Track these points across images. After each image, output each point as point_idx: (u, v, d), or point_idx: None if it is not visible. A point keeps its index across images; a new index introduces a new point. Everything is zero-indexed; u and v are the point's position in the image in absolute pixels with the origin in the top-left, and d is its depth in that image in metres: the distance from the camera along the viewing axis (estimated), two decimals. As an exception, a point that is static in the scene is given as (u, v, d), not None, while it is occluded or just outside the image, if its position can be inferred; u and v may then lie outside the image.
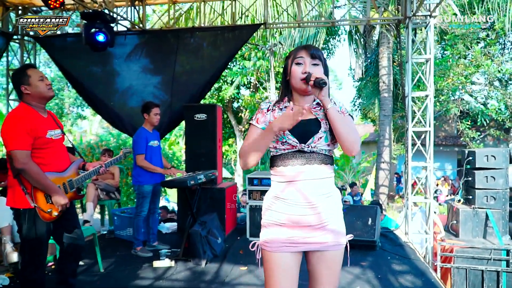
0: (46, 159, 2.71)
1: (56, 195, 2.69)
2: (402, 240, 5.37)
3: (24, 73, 2.72)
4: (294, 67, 1.82)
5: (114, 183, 6.05)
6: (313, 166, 1.76)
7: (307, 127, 1.78)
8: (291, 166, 1.77)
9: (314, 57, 1.82)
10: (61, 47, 7.04)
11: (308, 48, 1.83)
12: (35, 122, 2.66)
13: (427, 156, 5.98)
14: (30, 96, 2.72)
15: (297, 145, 1.77)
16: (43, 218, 2.70)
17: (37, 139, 2.65)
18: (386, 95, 9.65)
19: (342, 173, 17.51)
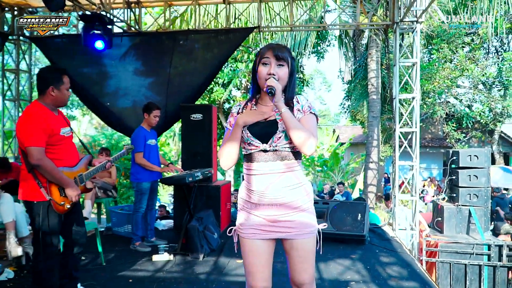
0: (59, 154, 2.89)
1: (70, 188, 2.87)
2: (389, 235, 5.62)
3: (60, 77, 2.87)
4: (261, 67, 1.92)
5: (111, 181, 6.20)
6: (276, 163, 1.92)
7: (266, 129, 1.93)
8: (256, 162, 1.93)
9: (279, 58, 1.90)
10: (56, 47, 7.14)
11: (273, 49, 1.91)
12: (50, 121, 2.82)
13: (413, 155, 6.24)
14: (52, 98, 2.87)
15: (260, 145, 1.93)
16: (57, 210, 2.88)
17: (51, 136, 2.80)
18: (375, 97, 9.92)
19: (331, 174, 17.80)
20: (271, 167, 1.91)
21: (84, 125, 26.26)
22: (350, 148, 21.84)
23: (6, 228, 4.10)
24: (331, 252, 4.66)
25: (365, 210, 5.04)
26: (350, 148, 22.02)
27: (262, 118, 1.94)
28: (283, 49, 1.94)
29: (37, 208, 2.85)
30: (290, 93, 1.99)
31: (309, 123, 1.95)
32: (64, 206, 2.90)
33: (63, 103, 2.96)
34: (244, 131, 1.94)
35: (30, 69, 7.81)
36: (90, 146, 10.22)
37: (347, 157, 22.52)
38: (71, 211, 3.04)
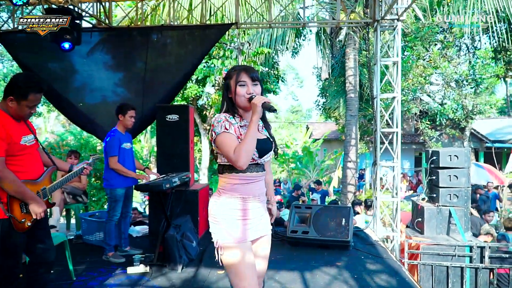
0: (22, 166, 2.60)
1: (34, 202, 2.58)
2: (372, 239, 5.51)
3: (26, 93, 2.55)
4: (239, 88, 2.11)
5: (81, 186, 5.83)
6: (263, 172, 2.21)
7: (265, 146, 2.16)
8: (250, 172, 2.12)
9: (254, 79, 2.13)
10: (20, 43, 6.67)
11: (248, 72, 2.13)
12: (9, 127, 2.52)
13: (395, 156, 6.17)
14: (9, 108, 2.58)
15: (257, 160, 2.13)
16: (16, 228, 2.57)
17: (11, 144, 2.51)
18: (353, 96, 9.84)
19: (306, 171, 17.76)
20: (260, 175, 2.18)
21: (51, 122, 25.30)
22: (324, 144, 21.91)
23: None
24: (315, 259, 4.50)
25: (349, 215, 4.91)
26: (323, 144, 22.10)
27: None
28: (255, 70, 2.19)
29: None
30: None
31: None
32: (24, 224, 2.60)
33: (20, 117, 2.65)
34: None
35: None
36: (57, 146, 9.71)
37: (321, 153, 22.60)
38: (36, 227, 2.73)
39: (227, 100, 2.17)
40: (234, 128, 2.07)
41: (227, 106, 2.18)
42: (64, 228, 6.09)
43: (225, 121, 2.07)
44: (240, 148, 1.99)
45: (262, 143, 2.12)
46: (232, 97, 2.14)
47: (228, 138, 2.03)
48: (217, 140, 2.06)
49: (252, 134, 2.01)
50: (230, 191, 2.11)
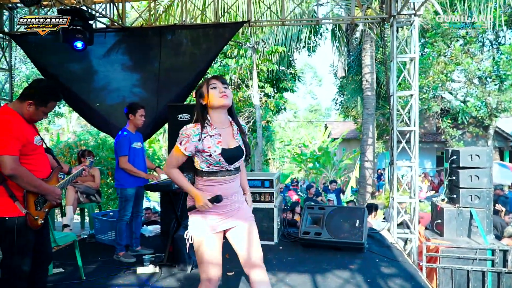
0: (35, 165, 2.67)
1: (49, 191, 2.68)
2: (388, 241, 5.35)
3: (46, 100, 2.68)
4: (211, 91, 2.33)
5: (94, 185, 5.86)
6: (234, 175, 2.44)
7: (235, 153, 2.37)
8: (221, 176, 2.37)
9: (224, 82, 2.37)
10: (37, 44, 6.75)
11: (218, 77, 2.40)
12: (23, 127, 2.60)
13: (412, 155, 5.98)
14: (24, 111, 2.65)
15: (227, 167, 2.36)
16: (31, 225, 2.63)
17: (26, 145, 2.58)
18: (369, 94, 9.63)
19: (324, 170, 17.53)
20: (231, 178, 2.40)
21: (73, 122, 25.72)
22: (342, 143, 21.61)
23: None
24: (327, 262, 4.38)
25: (363, 216, 4.77)
26: (342, 143, 21.81)
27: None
28: (224, 78, 2.46)
29: (10, 224, 2.56)
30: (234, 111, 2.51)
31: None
32: (38, 221, 2.66)
33: (31, 121, 2.73)
34: (215, 156, 2.29)
35: (10, 67, 7.40)
36: (75, 146, 9.84)
37: (340, 153, 22.32)
38: (43, 225, 2.79)
39: (200, 108, 2.36)
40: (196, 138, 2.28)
41: (198, 115, 2.37)
42: (78, 227, 6.12)
43: (185, 137, 2.30)
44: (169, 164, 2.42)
45: (232, 152, 2.35)
46: (207, 102, 2.34)
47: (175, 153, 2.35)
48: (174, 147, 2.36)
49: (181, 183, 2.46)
50: (202, 191, 2.38)
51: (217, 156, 2.27)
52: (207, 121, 2.35)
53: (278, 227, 5.22)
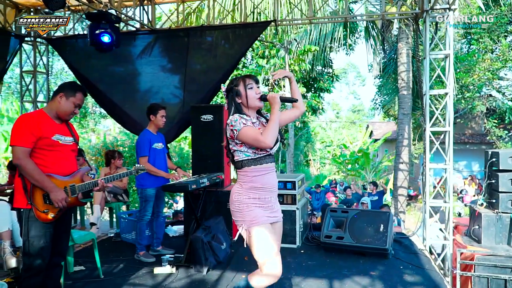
0: (47, 161, 2.76)
1: (53, 192, 2.71)
2: (417, 247, 5.08)
3: (74, 91, 2.87)
4: (249, 91, 2.48)
5: (121, 185, 5.98)
6: (273, 163, 2.55)
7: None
8: (266, 164, 2.47)
9: (257, 82, 2.53)
10: (74, 48, 7.01)
11: (252, 77, 2.53)
12: (42, 123, 2.73)
13: (447, 158, 5.66)
14: (57, 105, 2.84)
15: (270, 150, 2.46)
16: (38, 218, 2.71)
17: (41, 139, 2.70)
18: (405, 93, 9.24)
19: (363, 172, 17.09)
20: (272, 166, 2.52)
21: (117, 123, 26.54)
22: (384, 145, 20.96)
23: (1, 237, 3.94)
24: (348, 267, 4.21)
25: (388, 221, 4.55)
26: (384, 145, 21.17)
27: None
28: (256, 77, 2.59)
29: (23, 215, 2.74)
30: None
31: None
32: (47, 215, 2.73)
33: (64, 114, 2.88)
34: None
35: (47, 70, 7.73)
36: (112, 147, 10.14)
37: (381, 154, 21.69)
38: (62, 221, 2.89)
39: (236, 105, 2.49)
40: (249, 122, 2.42)
41: (235, 110, 2.49)
42: (105, 225, 6.27)
43: (241, 119, 2.40)
44: (267, 131, 2.37)
45: None
46: (242, 101, 2.49)
47: (250, 129, 2.38)
48: (240, 135, 2.38)
49: (275, 119, 2.38)
50: (249, 182, 2.43)
51: None
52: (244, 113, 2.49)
53: (301, 230, 5.10)
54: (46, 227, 2.75)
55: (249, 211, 2.42)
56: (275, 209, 2.54)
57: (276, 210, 2.54)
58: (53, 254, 2.90)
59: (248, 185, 2.45)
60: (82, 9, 6.77)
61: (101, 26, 5.34)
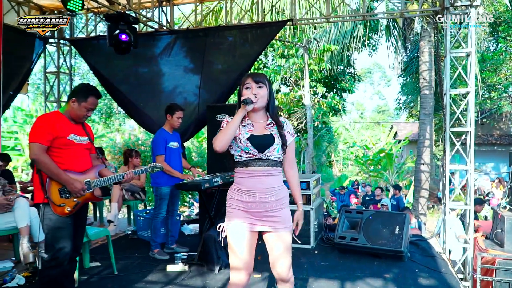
0: (63, 158, 2.89)
1: (69, 183, 2.84)
2: (435, 250, 4.95)
3: (86, 95, 2.96)
4: (244, 91, 2.36)
5: (139, 183, 6.06)
6: (267, 168, 2.34)
7: (264, 141, 2.33)
8: (251, 167, 2.33)
9: (258, 82, 2.36)
10: (96, 49, 7.13)
11: (252, 76, 2.40)
12: (59, 124, 2.87)
13: (468, 159, 5.51)
14: (70, 109, 2.96)
15: (256, 154, 2.32)
16: (55, 212, 2.83)
17: (58, 138, 2.84)
18: (427, 92, 9.04)
19: (385, 173, 16.81)
20: (264, 170, 2.33)
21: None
22: (407, 146, 20.56)
23: (20, 233, 4.05)
24: (361, 269, 4.15)
25: (404, 222, 4.45)
26: (409, 145, 20.75)
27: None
28: (260, 75, 2.45)
29: (41, 209, 2.86)
30: (272, 108, 2.45)
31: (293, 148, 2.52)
32: (64, 209, 2.85)
33: (77, 118, 2.99)
34: (243, 141, 2.31)
35: (70, 71, 7.93)
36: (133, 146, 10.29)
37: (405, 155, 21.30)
38: (79, 216, 3.00)
39: (238, 103, 2.42)
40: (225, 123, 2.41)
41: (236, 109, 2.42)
42: (123, 223, 6.36)
43: (224, 121, 2.43)
44: (217, 135, 2.31)
45: (260, 139, 2.33)
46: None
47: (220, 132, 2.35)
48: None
49: (229, 124, 2.31)
50: (236, 184, 2.39)
51: (244, 141, 2.30)
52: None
53: (315, 231, 5.06)
54: (64, 220, 2.87)
55: (229, 211, 2.38)
56: (268, 217, 2.33)
57: (268, 219, 2.33)
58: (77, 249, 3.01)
59: (234, 186, 2.40)
60: (103, 11, 6.92)
61: (119, 27, 5.44)
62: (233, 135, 2.30)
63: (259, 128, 2.37)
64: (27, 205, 4.16)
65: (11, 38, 6.17)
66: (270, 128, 2.38)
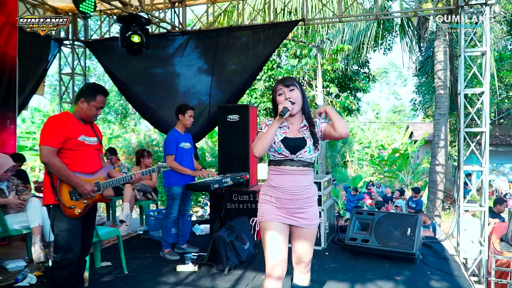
0: (74, 160, 2.90)
1: (80, 185, 2.86)
2: (448, 252, 4.87)
3: (95, 94, 2.98)
4: (278, 97, 2.47)
5: (151, 183, 6.11)
6: (299, 168, 2.44)
7: (296, 143, 2.43)
8: (284, 166, 2.44)
9: (288, 85, 2.46)
10: (110, 50, 7.20)
11: (283, 81, 2.50)
12: (70, 125, 2.89)
13: (483, 160, 5.40)
14: (79, 110, 2.97)
15: (288, 156, 2.43)
16: (66, 214, 2.85)
17: (69, 140, 2.85)
18: (442, 92, 8.89)
19: (400, 174, 16.59)
20: (296, 169, 2.43)
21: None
22: (423, 146, 20.26)
23: (33, 232, 4.12)
24: (372, 271, 4.10)
25: (416, 224, 4.39)
26: (425, 146, 20.45)
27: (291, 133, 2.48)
28: (289, 79, 2.54)
29: (52, 211, 2.88)
30: (307, 108, 2.56)
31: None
32: (74, 210, 2.88)
33: (88, 118, 3.01)
34: (277, 143, 2.42)
35: (85, 72, 8.04)
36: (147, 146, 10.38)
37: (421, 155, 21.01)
38: (88, 217, 3.02)
39: (274, 108, 2.54)
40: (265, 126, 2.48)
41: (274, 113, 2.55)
42: (135, 223, 6.42)
43: (262, 124, 2.52)
44: (255, 142, 2.42)
45: (293, 141, 2.44)
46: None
47: (258, 136, 2.45)
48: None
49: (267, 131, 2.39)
50: (269, 180, 2.52)
51: (278, 143, 2.40)
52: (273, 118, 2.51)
53: (326, 232, 5.02)
54: (74, 222, 2.89)
55: (261, 206, 2.51)
56: (297, 214, 2.45)
57: (297, 215, 2.45)
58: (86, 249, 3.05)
59: (267, 183, 2.52)
60: (117, 13, 6.99)
61: (131, 29, 5.48)
62: (271, 142, 2.40)
63: (293, 130, 2.47)
64: (39, 205, 4.22)
65: (26, 40, 6.28)
66: (304, 131, 2.48)
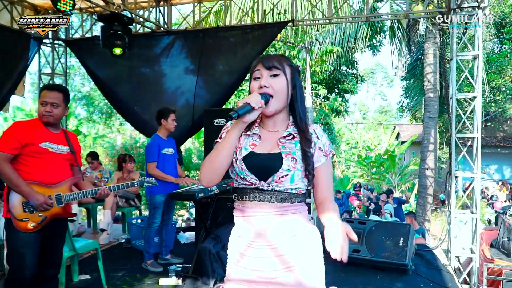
0: (31, 168, 2.66)
1: (31, 195, 2.60)
2: (440, 262, 4.75)
3: (40, 91, 2.82)
4: (252, 83, 1.53)
5: (133, 189, 5.87)
6: (274, 204, 1.48)
7: (267, 163, 1.48)
8: (249, 201, 1.49)
9: (270, 67, 1.50)
10: (92, 50, 6.93)
11: (263, 60, 1.52)
12: (32, 131, 2.66)
13: (474, 166, 5.30)
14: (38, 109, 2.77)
15: (256, 183, 1.48)
16: (17, 226, 2.60)
17: (28, 145, 2.62)
18: (432, 95, 8.84)
19: (388, 176, 16.59)
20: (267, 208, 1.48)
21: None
22: (412, 147, 20.33)
23: (5, 242, 3.87)
24: (364, 283, 3.95)
25: (408, 234, 4.26)
26: (412, 147, 20.52)
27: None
28: (277, 57, 1.54)
29: (5, 223, 2.65)
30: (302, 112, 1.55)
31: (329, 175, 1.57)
32: (27, 224, 2.61)
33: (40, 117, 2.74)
34: (238, 161, 1.49)
35: (65, 72, 7.74)
36: (131, 148, 10.12)
37: (408, 157, 21.08)
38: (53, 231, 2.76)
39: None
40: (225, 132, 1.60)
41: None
42: (116, 230, 6.16)
43: (224, 129, 1.62)
44: (204, 160, 1.54)
45: (261, 159, 1.48)
46: None
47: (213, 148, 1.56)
48: None
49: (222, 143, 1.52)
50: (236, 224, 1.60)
51: (240, 162, 1.48)
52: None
53: (315, 241, 4.86)
54: (29, 236, 2.63)
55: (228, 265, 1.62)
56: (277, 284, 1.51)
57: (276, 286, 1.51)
58: (45, 267, 2.79)
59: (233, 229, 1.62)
60: (99, 11, 6.73)
61: (113, 28, 5.25)
62: (227, 161, 1.50)
63: (268, 141, 1.53)
64: None
65: (4, 38, 6.01)
66: (286, 143, 1.52)
